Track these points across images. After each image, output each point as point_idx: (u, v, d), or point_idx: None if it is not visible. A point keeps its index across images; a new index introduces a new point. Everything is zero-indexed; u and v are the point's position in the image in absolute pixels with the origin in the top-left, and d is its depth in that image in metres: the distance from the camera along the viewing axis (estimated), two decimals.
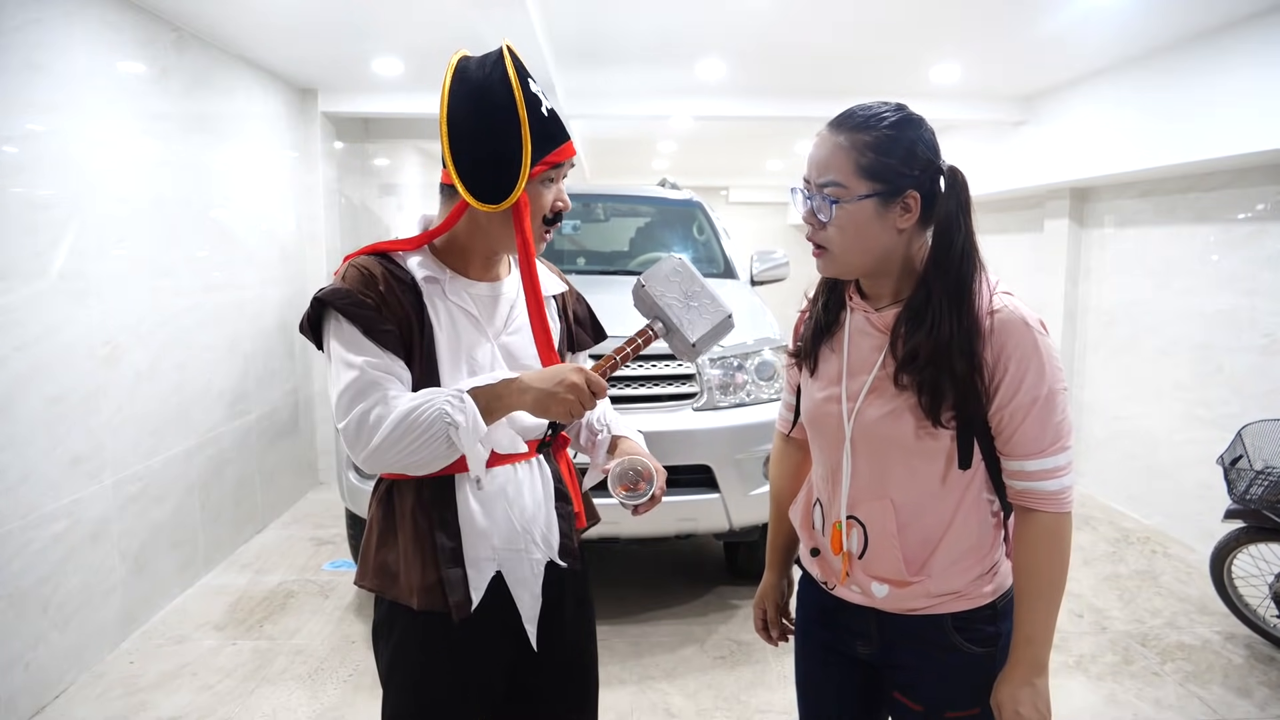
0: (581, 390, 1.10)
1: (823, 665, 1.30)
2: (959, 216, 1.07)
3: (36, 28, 2.41)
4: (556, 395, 1.10)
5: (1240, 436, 2.79)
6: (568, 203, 1.23)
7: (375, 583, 1.25)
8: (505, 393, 1.13)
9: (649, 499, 1.25)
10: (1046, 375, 1.04)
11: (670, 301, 1.19)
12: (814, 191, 1.09)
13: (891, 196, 1.06)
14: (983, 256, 1.10)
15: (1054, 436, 1.06)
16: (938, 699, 1.16)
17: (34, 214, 2.40)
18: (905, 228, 1.08)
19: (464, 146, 1.15)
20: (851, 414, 1.14)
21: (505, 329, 1.26)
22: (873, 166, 1.05)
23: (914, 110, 1.11)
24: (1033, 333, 1.05)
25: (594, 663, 1.43)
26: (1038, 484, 1.07)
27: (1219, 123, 3.37)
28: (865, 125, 1.06)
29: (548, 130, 1.17)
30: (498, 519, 1.23)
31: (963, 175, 1.10)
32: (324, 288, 1.18)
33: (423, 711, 1.27)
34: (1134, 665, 2.77)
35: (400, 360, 1.16)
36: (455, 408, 1.09)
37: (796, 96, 4.84)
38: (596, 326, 1.46)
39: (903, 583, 1.14)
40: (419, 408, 1.09)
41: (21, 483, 2.34)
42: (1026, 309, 1.07)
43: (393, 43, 3.56)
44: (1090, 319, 4.75)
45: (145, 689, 2.56)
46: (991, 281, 1.10)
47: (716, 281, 3.75)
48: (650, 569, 3.57)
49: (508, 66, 1.15)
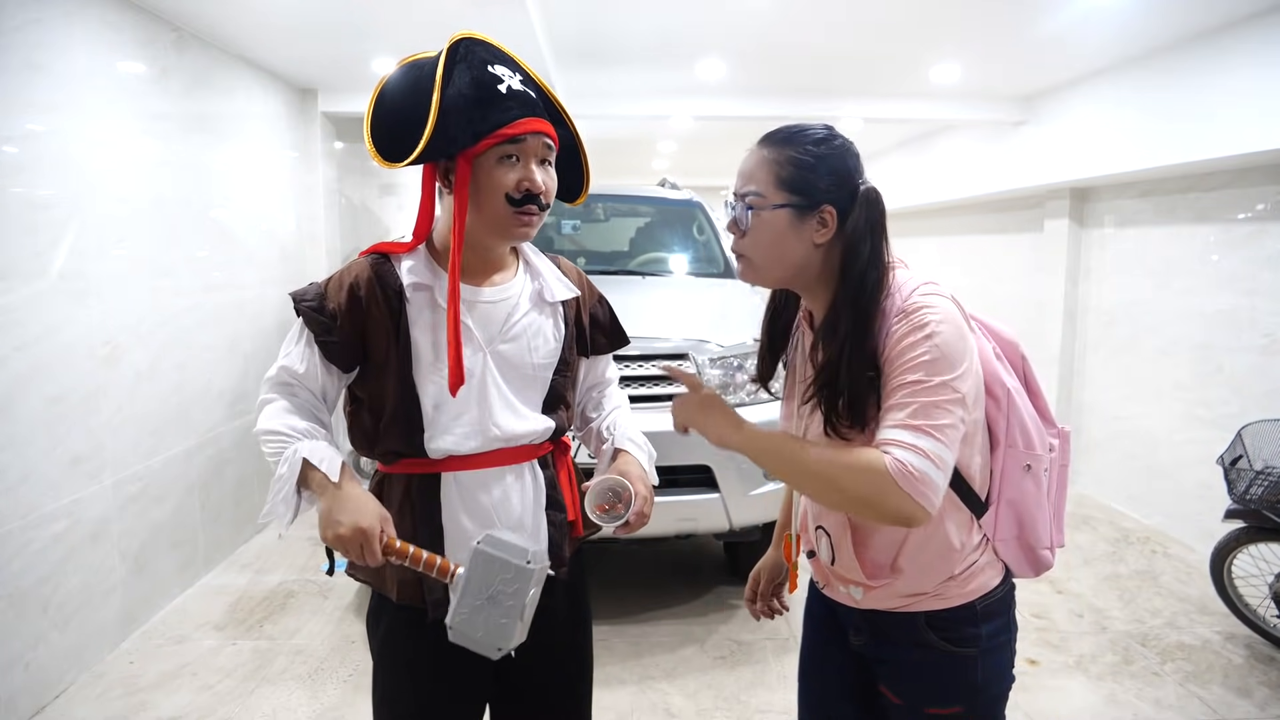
0: (369, 543, 1.06)
1: (823, 653, 1.33)
2: (868, 234, 1.08)
3: (36, 28, 2.41)
4: (342, 525, 1.06)
5: (1240, 436, 2.79)
6: (537, 184, 1.17)
7: (362, 573, 1.27)
8: (320, 484, 1.11)
9: (623, 523, 1.24)
10: (931, 368, 0.99)
11: (478, 581, 1.07)
12: (737, 202, 1.14)
13: (808, 210, 1.09)
14: (896, 265, 1.10)
15: (922, 415, 0.99)
16: (917, 694, 1.18)
17: (34, 214, 2.40)
18: (821, 242, 1.10)
19: (382, 105, 1.17)
20: (803, 431, 1.19)
21: (501, 336, 1.24)
22: (791, 179, 1.09)
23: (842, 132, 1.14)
24: (927, 321, 1.01)
25: (588, 663, 1.43)
26: (889, 433, 1.00)
27: (1219, 123, 3.37)
28: (790, 140, 1.11)
29: (501, 103, 1.14)
30: (482, 521, 1.23)
31: (878, 194, 1.11)
32: (299, 288, 1.23)
33: (407, 703, 1.27)
34: (1134, 665, 2.77)
35: (336, 370, 1.21)
36: (286, 460, 1.13)
37: (796, 96, 4.84)
38: (617, 331, 1.44)
39: (869, 586, 1.17)
40: (275, 436, 1.16)
41: (21, 483, 2.34)
42: (939, 300, 1.04)
43: (393, 43, 3.56)
44: (1090, 319, 4.75)
45: (145, 689, 2.56)
46: (915, 284, 1.07)
47: (716, 281, 3.76)
48: (650, 569, 3.57)
49: (449, 44, 1.16)
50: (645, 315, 3.10)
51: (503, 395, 1.24)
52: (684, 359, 2.87)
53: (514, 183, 1.16)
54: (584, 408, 1.47)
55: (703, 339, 2.92)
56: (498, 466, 1.24)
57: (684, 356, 2.87)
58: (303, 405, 1.22)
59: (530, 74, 1.24)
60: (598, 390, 1.48)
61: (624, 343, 1.45)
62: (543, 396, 1.29)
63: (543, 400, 1.29)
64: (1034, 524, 1.18)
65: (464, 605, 1.06)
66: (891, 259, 1.11)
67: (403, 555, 1.09)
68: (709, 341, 2.91)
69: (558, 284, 1.32)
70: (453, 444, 1.21)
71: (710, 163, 9.15)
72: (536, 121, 1.17)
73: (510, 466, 1.25)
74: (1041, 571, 1.24)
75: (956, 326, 1.04)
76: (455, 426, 1.21)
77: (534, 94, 1.20)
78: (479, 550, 1.07)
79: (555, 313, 1.31)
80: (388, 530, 1.10)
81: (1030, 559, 1.21)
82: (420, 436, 1.20)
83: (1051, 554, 1.23)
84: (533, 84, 1.23)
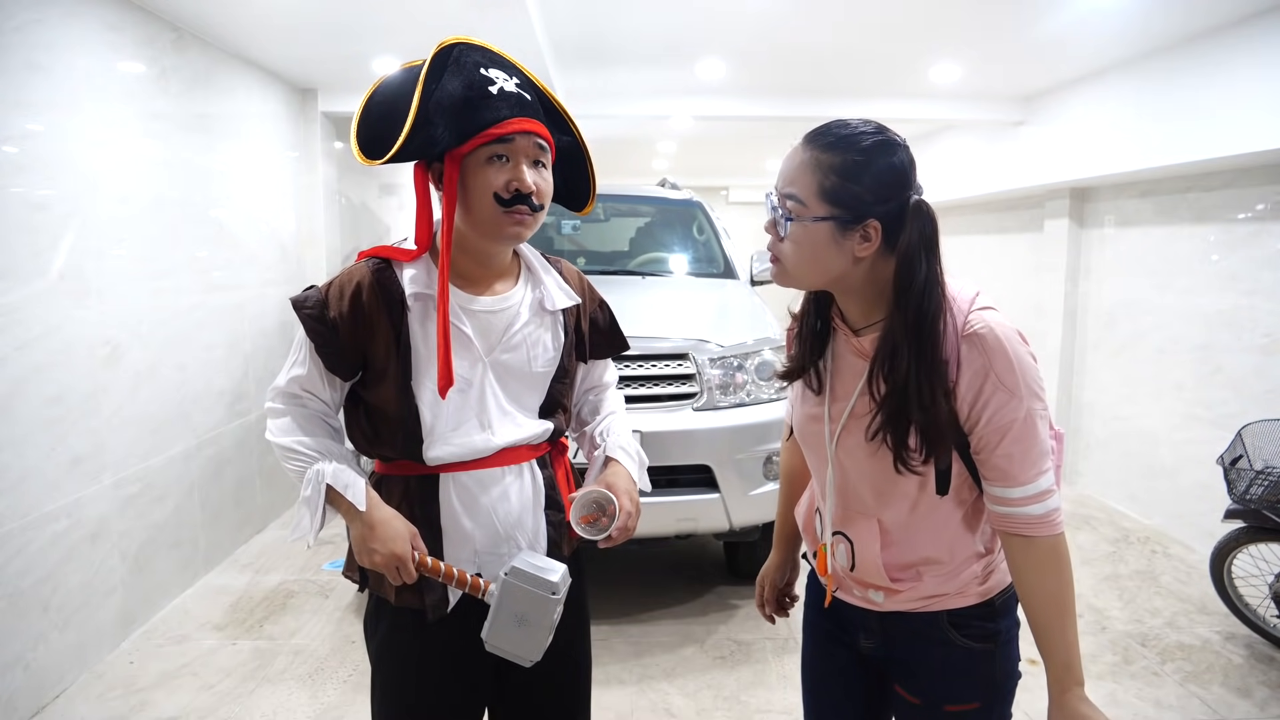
0: (404, 566, 1.14)
1: (828, 657, 1.31)
2: (921, 252, 1.01)
3: (36, 28, 2.41)
4: (378, 554, 1.13)
5: (1240, 436, 2.79)
6: (526, 183, 1.15)
7: (360, 575, 1.27)
8: (348, 511, 1.17)
9: (605, 537, 1.24)
10: (1022, 397, 1.00)
11: (508, 606, 1.15)
12: (778, 202, 1.07)
13: (851, 224, 1.02)
14: (949, 275, 1.05)
15: (1034, 462, 1.02)
16: (937, 692, 1.17)
17: (34, 214, 2.40)
18: (863, 256, 1.04)
19: (369, 103, 1.18)
20: (834, 436, 1.15)
21: (501, 345, 1.24)
22: (835, 190, 1.01)
23: (897, 133, 1.06)
24: (1007, 352, 1.00)
25: (587, 663, 1.43)
26: (1021, 510, 1.04)
27: (1219, 123, 3.37)
28: (838, 145, 1.03)
29: (490, 104, 1.13)
30: (481, 522, 1.23)
31: (929, 208, 1.04)
32: (299, 294, 1.21)
33: (408, 704, 1.27)
34: (1134, 665, 2.77)
35: (339, 379, 1.22)
36: (309, 481, 1.17)
37: (796, 96, 4.84)
38: (617, 336, 1.43)
39: (892, 591, 1.15)
40: (294, 455, 1.19)
41: (21, 483, 2.34)
42: (1003, 326, 1.02)
43: (393, 43, 3.55)
44: (1090, 319, 4.75)
45: (145, 689, 2.56)
46: (967, 297, 1.05)
47: (716, 281, 3.76)
48: (650, 569, 3.57)
49: (439, 46, 1.16)
50: (645, 315, 3.10)
51: (501, 406, 1.24)
52: (684, 359, 2.87)
53: (502, 183, 1.14)
54: (581, 411, 1.46)
55: (703, 339, 2.92)
56: (496, 467, 1.24)
57: (684, 356, 2.87)
58: (313, 415, 1.22)
59: (531, 78, 1.23)
60: (595, 394, 1.47)
61: (623, 348, 1.44)
62: (540, 402, 1.29)
63: (540, 405, 1.29)
64: None
65: (497, 624, 1.16)
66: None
67: (435, 572, 1.16)
68: (709, 341, 2.92)
69: (558, 292, 1.31)
70: (450, 454, 1.21)
71: (710, 163, 9.15)
72: (526, 121, 1.16)
73: (509, 467, 1.25)
74: None
75: (1024, 345, 1.03)
76: (454, 437, 1.21)
77: (530, 97, 1.19)
78: (506, 583, 1.15)
79: (555, 321, 1.30)
80: (419, 548, 1.16)
81: None
82: (419, 446, 1.20)
83: None
84: (532, 88, 1.22)
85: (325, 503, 1.16)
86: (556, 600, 1.16)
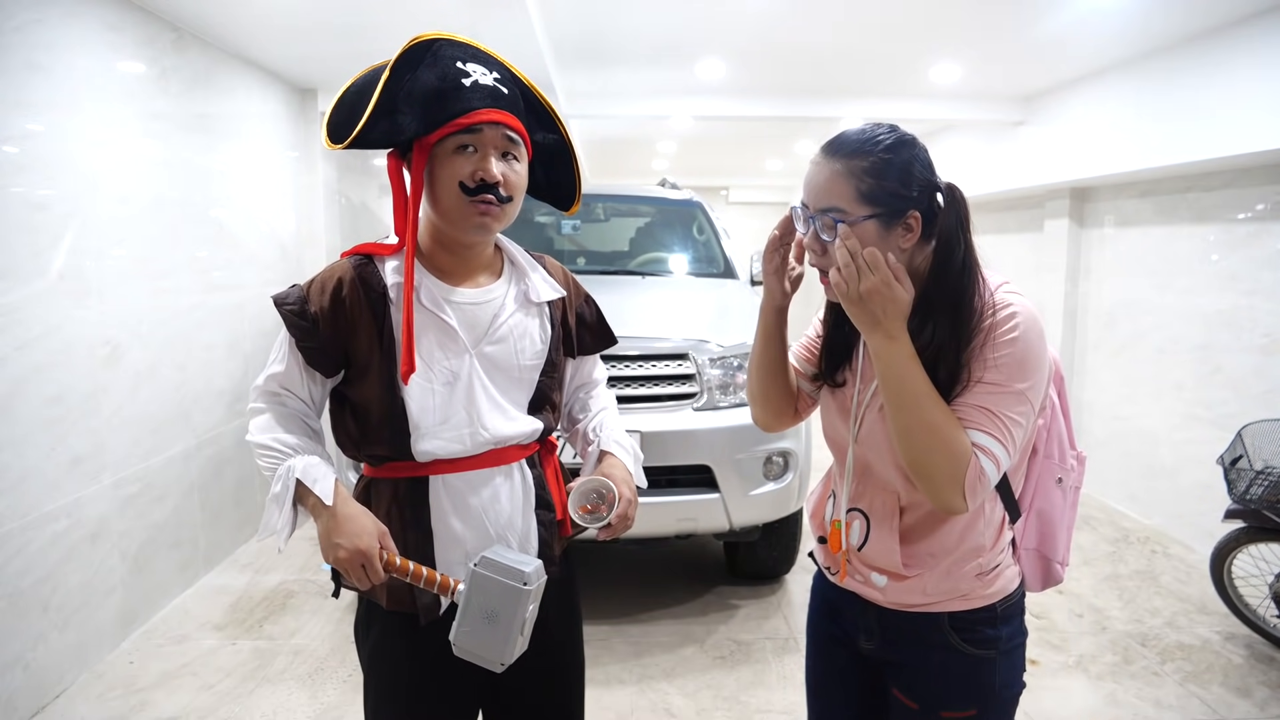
0: (370, 564, 1.09)
1: (828, 659, 1.32)
2: (958, 232, 1.08)
3: (36, 28, 2.40)
4: (342, 549, 1.09)
5: (1240, 436, 2.79)
6: (491, 173, 1.14)
7: (335, 575, 1.26)
8: (315, 506, 1.14)
9: (605, 525, 1.23)
10: (1013, 372, 1.02)
11: (477, 601, 1.10)
12: (816, 218, 1.08)
13: (893, 219, 1.06)
14: (981, 263, 1.10)
15: (998, 420, 1.02)
16: (934, 697, 1.17)
17: (34, 214, 2.40)
18: (907, 248, 1.08)
19: (344, 91, 1.19)
20: (859, 416, 1.17)
21: (487, 338, 1.23)
22: (873, 191, 1.05)
23: (906, 129, 1.10)
24: (1015, 331, 1.03)
25: (580, 664, 1.43)
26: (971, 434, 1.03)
27: (1219, 123, 3.37)
28: (860, 150, 1.06)
29: (461, 95, 1.14)
30: (472, 524, 1.22)
31: (960, 191, 1.10)
32: (281, 291, 1.21)
33: (400, 709, 1.27)
34: (1134, 665, 2.77)
35: (319, 375, 1.21)
36: (279, 478, 1.15)
37: (796, 96, 4.85)
38: (604, 331, 1.43)
39: (899, 576, 1.15)
40: (267, 451, 1.17)
41: (21, 483, 2.34)
42: (1028, 309, 1.06)
43: (392, 43, 3.51)
44: (1090, 319, 4.75)
45: (145, 689, 2.56)
46: (995, 282, 1.10)
47: (716, 281, 3.76)
48: (650, 569, 3.57)
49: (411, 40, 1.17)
50: (645, 315, 3.10)
51: (490, 397, 1.23)
52: (684, 359, 2.87)
53: (468, 172, 1.14)
54: (571, 408, 1.45)
55: (703, 339, 2.92)
56: (486, 468, 1.23)
57: (684, 356, 2.87)
58: (292, 415, 1.21)
59: (516, 74, 1.23)
60: (585, 391, 1.46)
61: (611, 343, 1.44)
62: (529, 397, 1.28)
63: (529, 401, 1.28)
64: (1055, 537, 1.21)
65: (465, 623, 1.10)
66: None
67: (404, 572, 1.11)
68: (709, 341, 2.91)
69: (543, 284, 1.30)
70: (440, 447, 1.20)
71: (710, 163, 9.14)
72: (495, 112, 1.15)
73: (499, 468, 1.24)
74: (1050, 585, 1.26)
75: (1039, 332, 1.05)
76: (443, 430, 1.20)
77: (508, 91, 1.19)
78: (475, 573, 1.10)
79: (541, 313, 1.30)
80: (387, 547, 1.12)
81: (1044, 571, 1.24)
82: (407, 440, 1.19)
83: (1062, 570, 1.25)
84: (513, 83, 1.21)
85: (295, 499, 1.14)
86: (528, 592, 1.09)
